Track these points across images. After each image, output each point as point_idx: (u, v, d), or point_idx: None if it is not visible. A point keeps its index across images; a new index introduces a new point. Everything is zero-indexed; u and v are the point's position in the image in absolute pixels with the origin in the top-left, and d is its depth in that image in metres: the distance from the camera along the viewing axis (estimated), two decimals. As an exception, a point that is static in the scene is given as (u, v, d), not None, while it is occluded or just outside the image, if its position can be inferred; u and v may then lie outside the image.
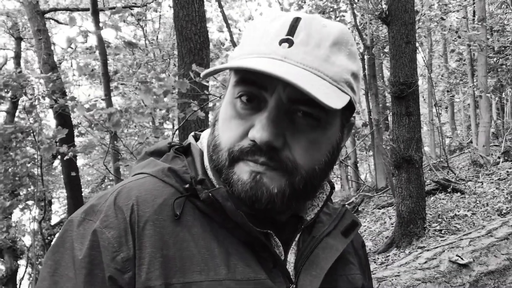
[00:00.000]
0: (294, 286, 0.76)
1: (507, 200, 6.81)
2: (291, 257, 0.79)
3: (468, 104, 16.29)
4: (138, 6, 13.46)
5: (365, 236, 7.66)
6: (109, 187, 0.81)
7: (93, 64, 11.38)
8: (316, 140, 0.73)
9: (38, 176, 6.75)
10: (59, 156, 9.52)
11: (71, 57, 14.90)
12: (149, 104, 4.11)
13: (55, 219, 16.59)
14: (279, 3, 16.55)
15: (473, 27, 12.24)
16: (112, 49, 8.57)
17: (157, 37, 17.09)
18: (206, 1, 14.74)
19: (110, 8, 7.16)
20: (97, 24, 6.64)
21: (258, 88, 0.70)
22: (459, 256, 2.43)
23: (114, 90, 12.32)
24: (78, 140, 11.20)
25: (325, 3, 12.56)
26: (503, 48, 13.78)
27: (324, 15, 12.28)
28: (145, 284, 0.66)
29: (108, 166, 6.34)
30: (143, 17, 14.99)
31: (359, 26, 12.86)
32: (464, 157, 12.07)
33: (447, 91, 18.86)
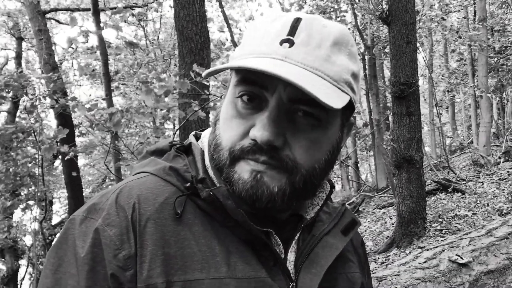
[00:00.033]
0: (294, 284, 0.76)
1: (508, 200, 6.81)
2: (291, 256, 0.80)
3: (469, 104, 16.29)
4: (139, 6, 13.47)
5: (366, 236, 7.66)
6: (110, 187, 0.81)
7: (94, 64, 11.38)
8: (317, 140, 0.73)
9: (39, 176, 6.76)
10: (60, 156, 9.53)
11: (72, 57, 14.90)
12: (150, 104, 4.12)
13: (56, 219, 16.60)
14: (280, 3, 16.57)
15: (474, 27, 12.23)
16: (113, 49, 8.57)
17: (158, 37, 17.09)
18: (207, 1, 14.74)
19: (111, 8, 7.17)
20: (98, 24, 6.65)
21: (259, 88, 0.71)
22: (459, 256, 2.43)
23: (115, 90, 12.34)
24: (79, 140, 11.22)
25: (326, 3, 12.56)
26: (504, 48, 13.76)
27: (325, 15, 12.27)
28: (147, 282, 0.66)
29: (109, 166, 6.35)
30: (144, 17, 14.98)
31: (360, 26, 12.86)
32: (465, 157, 12.06)
33: (448, 91, 18.85)
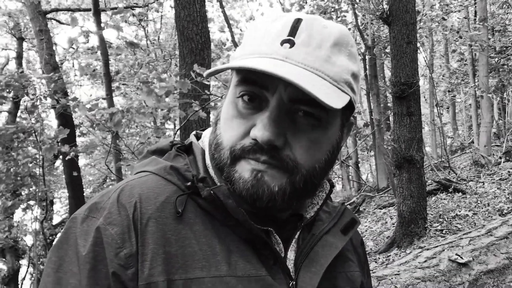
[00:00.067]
0: (294, 283, 0.76)
1: (508, 200, 6.81)
2: (291, 254, 0.80)
3: (470, 104, 16.28)
4: (140, 7, 13.48)
5: (366, 236, 7.67)
6: (111, 186, 0.81)
7: (95, 64, 11.39)
8: (317, 140, 0.74)
9: (40, 176, 6.77)
10: (61, 156, 9.53)
11: (73, 57, 14.92)
12: (151, 105, 4.12)
13: (57, 219, 16.61)
14: (281, 3, 16.58)
15: (475, 27, 12.23)
16: (114, 49, 8.58)
17: (159, 37, 17.11)
18: (208, 1, 14.75)
19: (112, 9, 7.18)
20: (99, 25, 6.65)
21: (260, 88, 0.71)
22: (459, 255, 2.43)
23: (116, 90, 12.34)
24: (80, 140, 11.24)
25: (327, 3, 12.56)
26: (505, 48, 13.75)
27: (326, 15, 12.28)
28: (148, 280, 0.67)
29: (110, 166, 6.35)
30: (145, 18, 14.99)
31: (361, 26, 12.87)
32: (466, 157, 12.06)
33: (449, 91, 18.85)
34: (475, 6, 12.84)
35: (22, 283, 13.44)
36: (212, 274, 0.69)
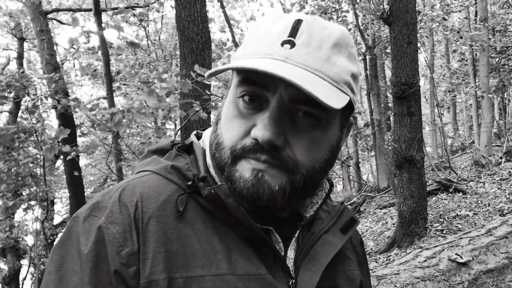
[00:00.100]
0: (294, 281, 0.77)
1: (509, 200, 6.81)
2: (291, 253, 0.81)
3: (470, 104, 16.27)
4: (141, 7, 13.49)
5: (367, 236, 7.67)
6: (113, 186, 0.82)
7: (96, 65, 11.41)
8: (317, 139, 0.74)
9: (41, 176, 6.77)
10: (62, 156, 9.54)
11: (74, 58, 14.91)
12: (152, 105, 4.13)
13: (58, 219, 16.61)
14: (281, 4, 16.58)
15: (475, 27, 12.23)
16: (115, 50, 8.59)
17: (159, 38, 17.12)
18: (208, 2, 14.75)
19: (113, 9, 7.19)
20: (100, 25, 6.66)
21: (260, 88, 0.72)
22: (458, 255, 2.44)
23: (117, 90, 12.34)
24: (81, 140, 11.25)
25: (327, 4, 12.57)
26: (505, 48, 13.75)
27: (326, 16, 12.29)
28: (149, 278, 0.67)
29: (111, 166, 6.36)
30: (145, 18, 15.00)
31: (361, 27, 12.88)
32: (466, 157, 12.06)
33: (449, 91, 18.85)
34: (476, 6, 12.84)
35: (23, 283, 13.46)
36: (213, 273, 0.70)
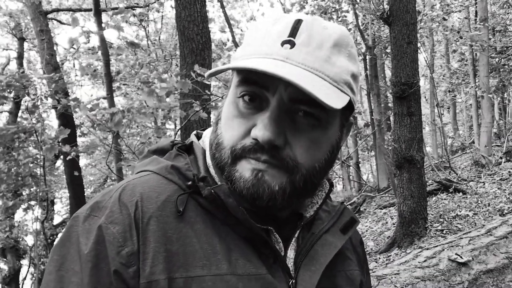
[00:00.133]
0: (294, 281, 0.77)
1: (509, 200, 6.81)
2: (291, 253, 0.81)
3: (470, 104, 16.27)
4: (141, 7, 13.50)
5: (367, 236, 7.67)
6: (113, 186, 0.82)
7: (96, 65, 11.41)
8: (317, 139, 0.74)
9: (41, 176, 6.77)
10: (62, 156, 9.54)
11: (74, 58, 14.91)
12: (152, 105, 4.13)
13: (58, 219, 16.62)
14: (281, 4, 16.58)
15: (475, 27, 12.23)
16: (115, 50, 8.59)
17: (159, 38, 17.13)
18: (208, 2, 14.75)
19: (113, 9, 7.19)
20: (100, 25, 6.66)
21: (260, 88, 0.72)
22: (458, 255, 2.44)
23: (117, 90, 12.34)
24: (81, 140, 11.25)
25: (327, 4, 12.57)
26: (505, 48, 13.75)
27: (326, 16, 12.29)
28: (149, 278, 0.67)
29: (111, 166, 6.36)
30: (146, 18, 15.01)
31: (361, 27, 12.88)
32: (466, 157, 12.07)
33: (449, 91, 18.86)
34: (476, 6, 12.84)
35: (23, 283, 13.46)
36: (213, 273, 0.70)
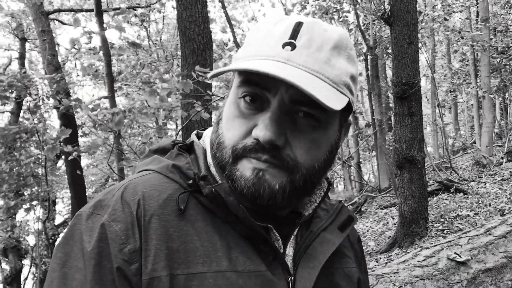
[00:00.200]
0: (293, 278, 0.78)
1: (510, 200, 6.81)
2: (290, 251, 0.82)
3: (472, 105, 16.26)
4: (142, 7, 13.52)
5: (368, 236, 7.67)
6: (115, 185, 0.83)
7: (97, 65, 11.43)
8: (316, 140, 0.76)
9: (42, 176, 6.78)
10: (63, 156, 9.56)
11: (75, 58, 14.93)
12: (153, 105, 4.14)
13: (59, 219, 16.64)
14: (282, 4, 16.57)
15: (476, 28, 12.23)
16: (116, 50, 8.62)
17: (161, 38, 17.15)
18: (210, 2, 14.77)
19: (114, 9, 7.20)
20: (101, 25, 6.68)
21: (262, 89, 0.73)
22: (457, 254, 2.45)
23: (118, 91, 12.36)
24: (82, 140, 11.26)
25: (328, 4, 12.57)
26: (507, 49, 13.74)
27: (327, 16, 12.29)
28: (151, 275, 0.68)
29: (112, 166, 6.37)
30: (147, 18, 15.03)
31: (362, 27, 12.88)
32: (468, 158, 12.07)
33: (450, 92, 18.85)
34: (477, 7, 12.83)
35: (25, 283, 13.47)
36: (213, 269, 0.71)
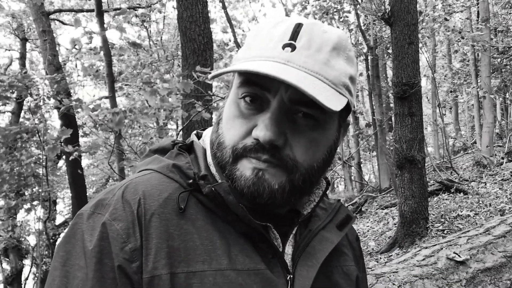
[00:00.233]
0: (292, 276, 0.79)
1: (510, 201, 6.81)
2: (289, 249, 0.83)
3: (472, 105, 16.26)
4: (143, 7, 13.53)
5: (368, 236, 7.67)
6: (116, 184, 0.84)
7: (98, 65, 11.45)
8: (316, 140, 0.77)
9: (43, 176, 6.79)
10: (64, 156, 9.57)
11: (76, 58, 14.94)
12: (154, 105, 4.16)
13: (60, 219, 16.67)
14: (283, 4, 16.58)
15: (477, 28, 12.23)
16: (117, 50, 8.63)
17: (161, 38, 17.15)
18: (210, 2, 14.78)
19: (115, 9, 7.22)
20: (102, 25, 6.69)
21: (262, 90, 0.74)
22: (457, 254, 2.46)
23: (119, 91, 12.36)
24: (83, 141, 11.27)
25: (329, 4, 12.57)
26: (507, 49, 13.73)
27: (328, 16, 12.29)
28: (152, 273, 0.69)
29: (113, 166, 6.38)
30: (148, 18, 15.03)
31: (363, 27, 12.88)
32: (468, 158, 12.07)
33: (451, 92, 18.84)
34: (478, 7, 12.83)
35: (25, 283, 13.48)
36: (213, 268, 0.72)
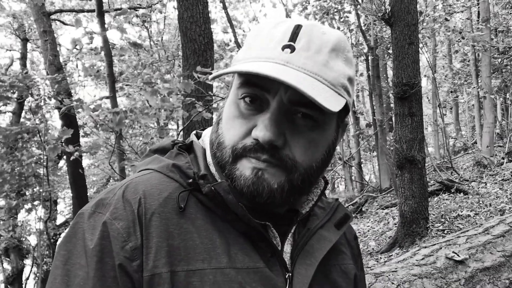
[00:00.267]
0: (290, 275, 0.80)
1: (510, 201, 6.81)
2: (287, 248, 0.84)
3: (473, 105, 16.25)
4: (143, 8, 13.54)
5: (369, 236, 7.68)
6: (116, 184, 0.85)
7: (99, 65, 11.46)
8: (314, 140, 0.78)
9: (44, 176, 6.80)
10: (65, 156, 9.58)
11: (77, 58, 14.95)
12: (155, 105, 4.17)
13: (61, 219, 16.69)
14: (283, 4, 16.59)
15: (477, 28, 12.23)
16: (117, 50, 8.63)
17: (162, 38, 17.17)
18: (211, 2, 14.78)
19: (116, 10, 7.22)
20: (103, 26, 6.70)
21: (261, 90, 0.75)
22: (456, 253, 2.47)
23: (119, 91, 12.37)
24: (84, 141, 11.27)
25: (329, 4, 12.58)
26: (508, 49, 13.73)
27: (328, 16, 12.30)
28: (152, 272, 0.70)
29: (113, 166, 6.39)
30: (148, 19, 15.04)
31: (363, 27, 12.89)
32: (468, 158, 12.06)
33: (451, 92, 18.83)
34: (478, 7, 12.83)
35: (26, 283, 13.50)
36: (213, 266, 0.73)
